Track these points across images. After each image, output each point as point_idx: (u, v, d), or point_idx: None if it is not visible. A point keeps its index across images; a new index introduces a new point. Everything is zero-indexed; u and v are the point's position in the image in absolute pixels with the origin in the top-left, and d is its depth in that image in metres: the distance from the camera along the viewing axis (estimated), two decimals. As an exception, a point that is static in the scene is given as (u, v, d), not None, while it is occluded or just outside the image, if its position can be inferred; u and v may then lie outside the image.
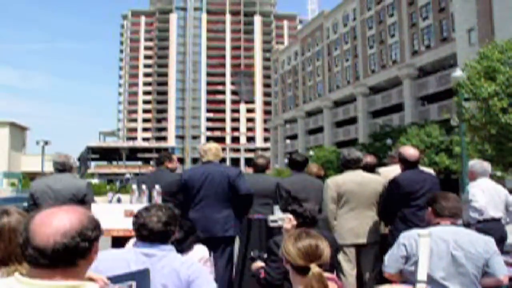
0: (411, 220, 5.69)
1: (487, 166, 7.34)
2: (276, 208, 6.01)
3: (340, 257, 6.10)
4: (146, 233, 3.15)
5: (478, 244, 3.72)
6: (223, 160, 7.10)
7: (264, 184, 7.16)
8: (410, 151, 6.12)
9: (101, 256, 3.03)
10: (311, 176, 7.33)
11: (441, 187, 6.12)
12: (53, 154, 6.96)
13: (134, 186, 6.01)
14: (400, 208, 5.89)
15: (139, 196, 5.90)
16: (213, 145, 6.71)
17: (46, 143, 53.91)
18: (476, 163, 7.38)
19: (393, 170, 6.45)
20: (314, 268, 2.47)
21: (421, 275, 3.67)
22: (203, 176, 6.27)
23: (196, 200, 6.22)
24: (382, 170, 6.89)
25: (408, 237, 3.85)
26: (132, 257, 3.08)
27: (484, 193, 6.92)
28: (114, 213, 5.59)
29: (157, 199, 5.81)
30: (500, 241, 6.38)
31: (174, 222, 3.28)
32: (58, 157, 6.75)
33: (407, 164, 6.06)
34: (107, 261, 3.02)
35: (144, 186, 5.98)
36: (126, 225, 5.05)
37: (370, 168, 6.96)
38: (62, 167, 6.68)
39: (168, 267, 3.05)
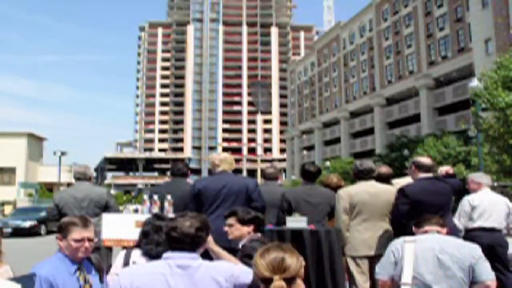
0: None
1: (487, 178, 7.58)
2: (289, 220, 6.18)
3: (353, 269, 6.04)
4: (177, 236, 3.09)
5: (463, 249, 3.85)
6: (239, 171, 7.02)
7: (273, 194, 7.13)
8: (422, 159, 6.07)
9: (135, 271, 3.07)
10: (329, 186, 7.27)
11: (460, 196, 6.04)
12: (73, 165, 7.23)
13: (146, 197, 5.95)
14: (409, 218, 5.81)
15: (151, 207, 5.83)
16: (228, 155, 6.67)
17: (62, 153, 54.30)
18: (477, 175, 7.60)
19: (407, 181, 6.35)
20: (277, 281, 2.48)
21: (406, 277, 3.81)
22: (219, 186, 6.18)
23: (211, 210, 6.11)
24: (396, 181, 6.82)
25: (395, 244, 4.04)
26: (167, 270, 2.99)
27: (479, 204, 7.14)
28: (125, 224, 5.53)
29: (169, 209, 5.76)
30: (490, 249, 6.46)
31: (206, 229, 3.25)
32: (78, 168, 7.07)
33: (421, 171, 5.96)
34: (143, 275, 2.98)
35: (155, 197, 5.90)
36: (137, 235, 5.01)
37: (385, 179, 6.86)
38: (83, 177, 6.98)
39: (207, 278, 3.00)
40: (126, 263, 4.13)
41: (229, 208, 5.91)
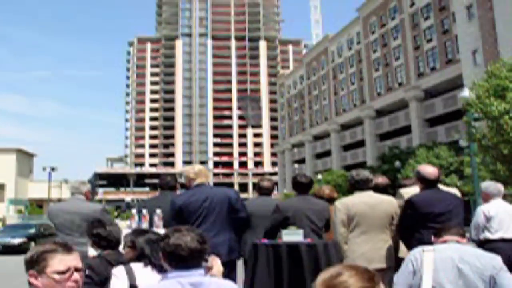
0: (429, 242, 5.39)
1: (500, 187, 7.32)
2: (284, 233, 5.96)
3: None
4: (185, 254, 2.88)
5: (483, 259, 3.74)
6: (230, 185, 6.84)
7: (270, 207, 6.83)
8: (428, 169, 5.85)
9: None
10: (321, 198, 7.09)
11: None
12: (63, 182, 7.10)
13: (134, 211, 5.84)
14: (417, 229, 5.64)
15: (140, 221, 5.69)
16: (201, 167, 6.46)
17: (52, 169, 53.89)
18: (490, 185, 7.36)
19: (414, 191, 6.15)
20: None
21: (425, 287, 3.71)
22: (200, 200, 6.00)
23: (195, 225, 5.84)
24: (403, 191, 6.61)
25: (413, 253, 3.92)
26: None
27: (496, 215, 6.90)
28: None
29: (159, 224, 5.63)
30: (510, 260, 6.17)
31: (205, 241, 3.04)
32: (73, 182, 6.98)
33: (426, 183, 5.79)
34: None
35: (144, 211, 5.78)
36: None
37: (382, 189, 6.66)
38: (77, 192, 6.86)
39: None
40: (132, 281, 3.79)
41: (214, 222, 5.95)
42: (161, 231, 5.01)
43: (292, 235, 5.97)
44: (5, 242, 27.33)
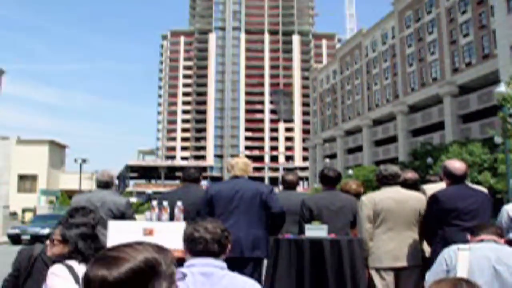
0: (453, 240, 5.16)
1: None
2: (307, 228, 5.89)
3: (377, 282, 5.65)
4: (201, 247, 2.92)
5: None
6: (261, 179, 6.69)
7: (294, 201, 6.81)
8: (455, 164, 5.61)
9: None
10: (348, 193, 6.94)
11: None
12: (98, 172, 6.99)
13: (154, 203, 5.71)
14: (441, 227, 5.40)
15: (160, 214, 5.57)
16: (241, 160, 6.34)
17: (84, 161, 54.59)
18: None
19: (439, 187, 5.91)
20: None
21: None
22: (232, 192, 5.93)
23: (223, 217, 5.77)
24: (427, 187, 6.37)
25: (448, 251, 3.82)
26: (189, 279, 2.79)
27: None
28: (131, 232, 5.24)
29: (179, 216, 5.53)
30: None
31: (229, 233, 3.08)
32: (101, 175, 6.88)
33: (452, 179, 5.55)
34: None
35: (165, 203, 5.65)
36: None
37: (411, 185, 6.41)
38: (104, 185, 6.82)
39: None
40: (76, 281, 3.37)
41: (243, 216, 5.86)
42: (182, 224, 4.94)
43: (315, 231, 5.86)
44: (34, 232, 27.68)
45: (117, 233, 5.23)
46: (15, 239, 28.32)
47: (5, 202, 64.96)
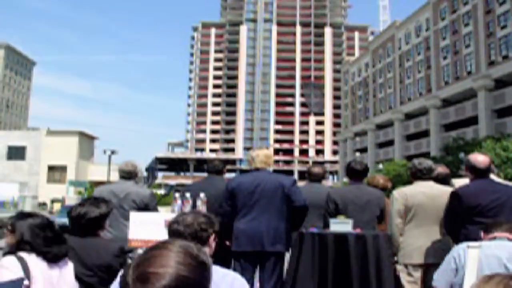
0: (475, 239, 4.98)
1: None
2: (332, 222, 5.86)
3: (404, 278, 5.62)
4: (177, 229, 2.98)
5: None
6: (290, 172, 6.60)
7: (319, 194, 6.80)
8: (478, 158, 5.39)
9: None
10: (375, 187, 6.84)
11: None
12: (121, 163, 6.90)
13: (177, 194, 5.67)
14: (464, 224, 5.18)
15: (182, 205, 5.55)
16: (262, 151, 6.25)
17: (112, 152, 54.93)
18: None
19: (466, 181, 5.70)
20: None
21: (468, 286, 3.48)
22: (253, 185, 5.87)
23: (244, 211, 5.84)
24: (456, 181, 6.19)
25: (457, 249, 3.76)
26: None
27: None
28: (153, 223, 5.20)
29: (202, 208, 5.50)
30: None
31: (212, 227, 3.04)
32: (125, 165, 6.79)
33: (475, 173, 5.33)
34: None
35: (187, 195, 5.60)
36: (167, 236, 4.61)
37: (442, 180, 6.26)
38: (128, 175, 6.72)
39: None
40: (26, 273, 3.33)
41: (264, 209, 5.82)
42: None
43: (340, 225, 5.81)
44: (62, 223, 27.69)
45: (138, 224, 5.22)
46: (42, 230, 28.55)
47: (34, 192, 66.24)
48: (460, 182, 5.86)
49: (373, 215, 6.25)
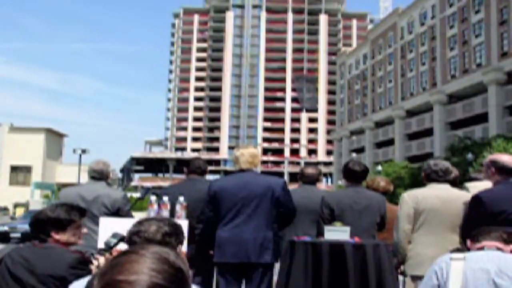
0: None
1: None
2: (327, 230, 5.81)
3: None
4: (139, 242, 2.93)
5: None
6: (280, 174, 6.54)
7: (313, 198, 6.81)
8: (503, 157, 5.32)
9: None
10: (375, 191, 6.89)
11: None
12: (91, 162, 6.82)
13: (153, 198, 5.57)
14: None
15: (159, 210, 5.50)
16: (247, 150, 6.16)
17: (83, 151, 54.66)
18: None
19: (485, 186, 5.62)
20: None
21: None
22: (238, 187, 5.82)
23: (228, 217, 5.78)
24: (471, 185, 6.07)
25: (439, 262, 3.62)
26: None
27: None
28: (125, 231, 5.03)
29: (181, 214, 5.47)
30: None
31: (177, 235, 3.04)
32: (95, 164, 6.72)
33: (502, 174, 5.19)
34: None
35: (165, 198, 5.54)
36: None
37: (453, 182, 6.17)
38: (98, 176, 6.63)
39: None
40: None
41: (250, 216, 5.77)
42: (184, 222, 4.80)
43: (336, 233, 5.77)
44: (25, 230, 27.42)
45: (109, 232, 5.10)
46: (3, 237, 28.26)
47: (-7, 195, 65.71)
48: (479, 186, 5.73)
49: (373, 222, 6.22)
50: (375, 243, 5.63)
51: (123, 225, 5.11)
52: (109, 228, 4.98)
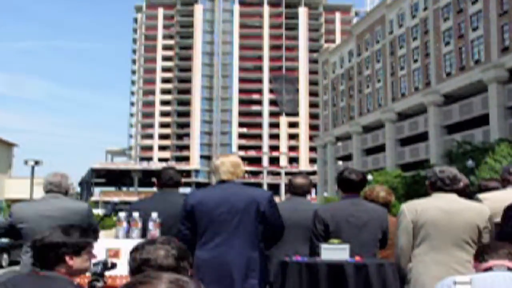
0: None
1: None
2: (323, 248, 5.70)
3: None
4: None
5: None
6: (258, 185, 6.37)
7: (305, 212, 6.68)
8: None
9: None
10: (375, 202, 6.72)
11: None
12: (47, 174, 6.63)
13: (122, 215, 5.63)
14: None
15: (130, 228, 5.55)
16: (228, 159, 6.06)
17: (36, 163, 54.05)
18: None
19: (501, 197, 5.58)
20: None
21: None
22: (218, 201, 5.69)
23: (207, 236, 5.64)
24: (485, 196, 5.92)
25: (441, 286, 3.55)
26: None
27: None
28: (104, 252, 5.20)
29: (155, 232, 5.47)
30: None
31: (187, 257, 3.03)
32: (53, 176, 6.58)
33: None
34: None
35: (136, 215, 5.59)
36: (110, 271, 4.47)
37: (461, 191, 6.02)
38: (57, 189, 6.47)
39: None
40: None
41: (233, 234, 5.64)
42: None
43: (334, 251, 5.69)
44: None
45: None
46: None
47: None
48: (494, 198, 5.66)
49: (374, 239, 6.12)
50: (379, 263, 5.53)
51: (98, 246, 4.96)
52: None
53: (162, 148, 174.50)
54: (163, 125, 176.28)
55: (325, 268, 5.41)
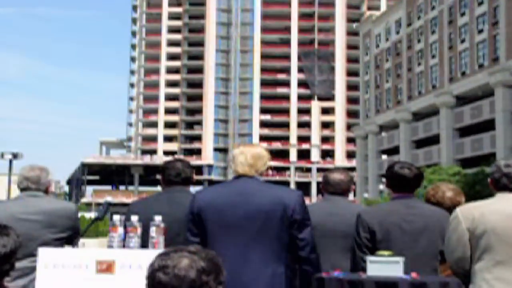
0: None
1: None
2: (370, 262, 5.52)
3: None
4: (167, 281, 2.85)
5: None
6: (285, 184, 6.21)
7: (344, 216, 6.54)
8: None
9: None
10: (439, 205, 6.51)
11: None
12: (22, 168, 6.43)
13: (117, 218, 5.32)
14: None
15: (127, 235, 5.30)
16: (250, 149, 5.81)
17: (15, 156, 54.47)
18: None
19: None
20: None
21: None
22: (233, 202, 5.49)
23: (219, 246, 5.30)
24: None
25: None
26: None
27: None
28: (75, 266, 4.92)
29: (158, 240, 5.21)
30: None
31: (216, 273, 2.96)
32: (29, 170, 6.42)
33: None
34: None
35: (134, 219, 5.29)
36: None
37: None
38: (34, 186, 6.32)
39: None
40: None
41: (251, 244, 5.43)
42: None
43: (384, 266, 5.49)
44: None
45: (51, 269, 4.92)
46: None
47: None
48: None
49: (433, 250, 5.95)
50: (442, 281, 5.32)
51: (73, 259, 5.00)
52: (51, 263, 4.92)
53: (168, 139, 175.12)
54: (169, 111, 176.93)
55: (373, 286, 5.24)
